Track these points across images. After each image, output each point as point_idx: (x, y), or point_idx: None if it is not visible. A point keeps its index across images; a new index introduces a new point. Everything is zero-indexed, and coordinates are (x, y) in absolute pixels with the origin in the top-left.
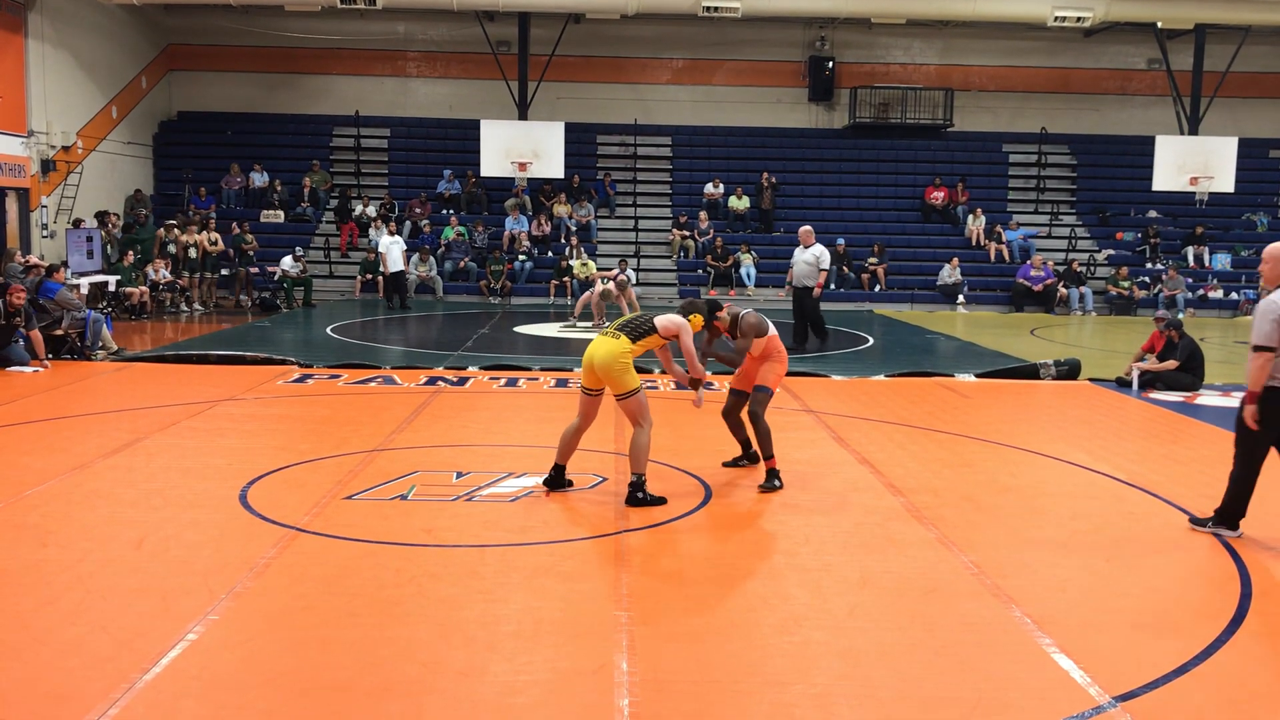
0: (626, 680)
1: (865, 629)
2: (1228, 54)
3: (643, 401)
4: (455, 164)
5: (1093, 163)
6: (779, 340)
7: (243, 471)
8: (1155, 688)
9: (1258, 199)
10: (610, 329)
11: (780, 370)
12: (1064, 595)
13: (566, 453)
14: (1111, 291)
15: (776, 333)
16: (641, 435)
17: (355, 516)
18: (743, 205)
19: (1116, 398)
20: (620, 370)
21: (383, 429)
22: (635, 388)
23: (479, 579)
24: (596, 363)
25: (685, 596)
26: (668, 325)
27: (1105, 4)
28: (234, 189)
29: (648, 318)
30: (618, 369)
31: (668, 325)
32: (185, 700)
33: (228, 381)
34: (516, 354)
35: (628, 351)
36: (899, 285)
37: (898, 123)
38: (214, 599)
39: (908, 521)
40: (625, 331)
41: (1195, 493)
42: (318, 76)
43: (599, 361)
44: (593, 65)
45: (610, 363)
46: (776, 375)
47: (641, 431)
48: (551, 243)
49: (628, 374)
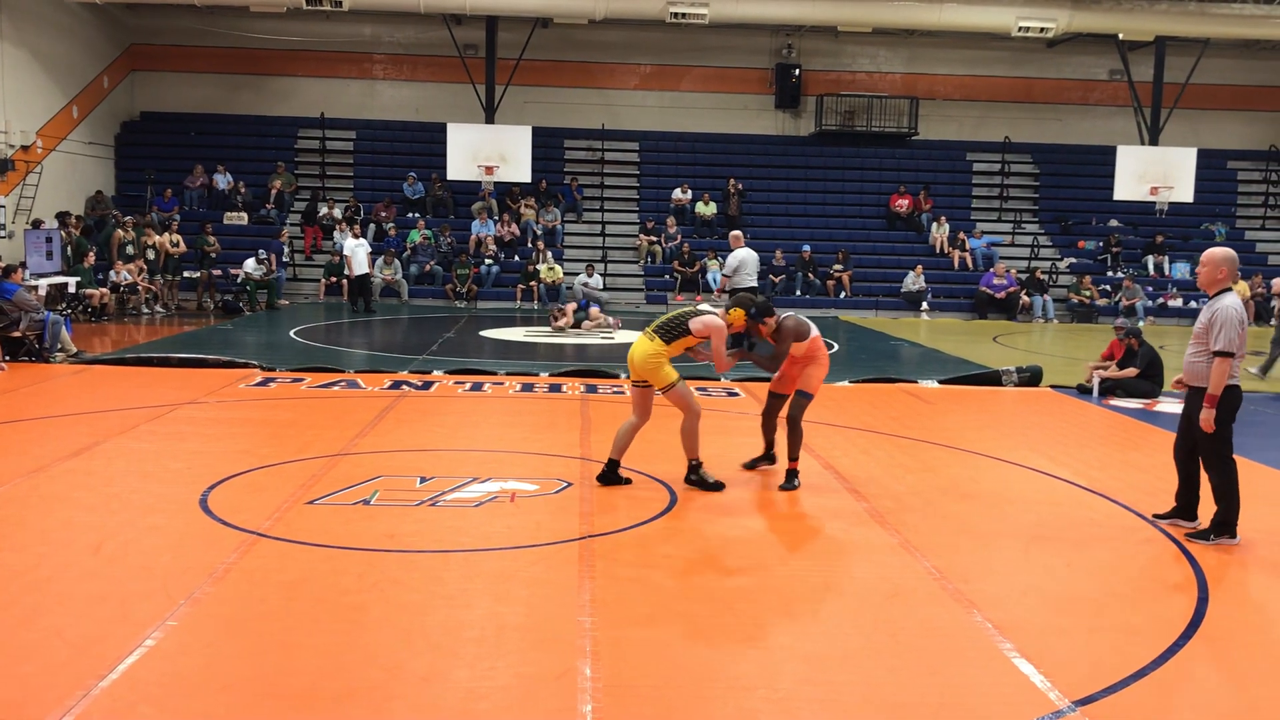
0: (590, 685)
1: (829, 634)
2: (1188, 66)
3: (683, 391)
4: (421, 167)
5: (1055, 172)
6: (822, 343)
7: (203, 476)
8: (1114, 691)
9: (1216, 209)
10: (650, 329)
11: (821, 374)
12: (1025, 600)
13: (621, 448)
14: (1073, 299)
15: (819, 334)
16: (689, 422)
17: (317, 522)
18: (710, 211)
19: (1077, 404)
20: (654, 368)
21: (346, 433)
22: (674, 380)
23: (442, 584)
24: (635, 361)
25: (649, 601)
26: (701, 328)
27: (1068, 15)
28: (197, 190)
29: (683, 319)
30: (651, 367)
31: (701, 328)
32: (142, 706)
33: (189, 384)
34: (482, 358)
35: (661, 353)
36: (864, 292)
37: (863, 130)
38: (173, 604)
39: (871, 526)
40: (660, 333)
41: (1155, 498)
42: (283, 78)
43: (637, 361)
44: (560, 70)
45: (645, 362)
46: (818, 380)
47: (689, 419)
48: (518, 247)
49: (662, 370)
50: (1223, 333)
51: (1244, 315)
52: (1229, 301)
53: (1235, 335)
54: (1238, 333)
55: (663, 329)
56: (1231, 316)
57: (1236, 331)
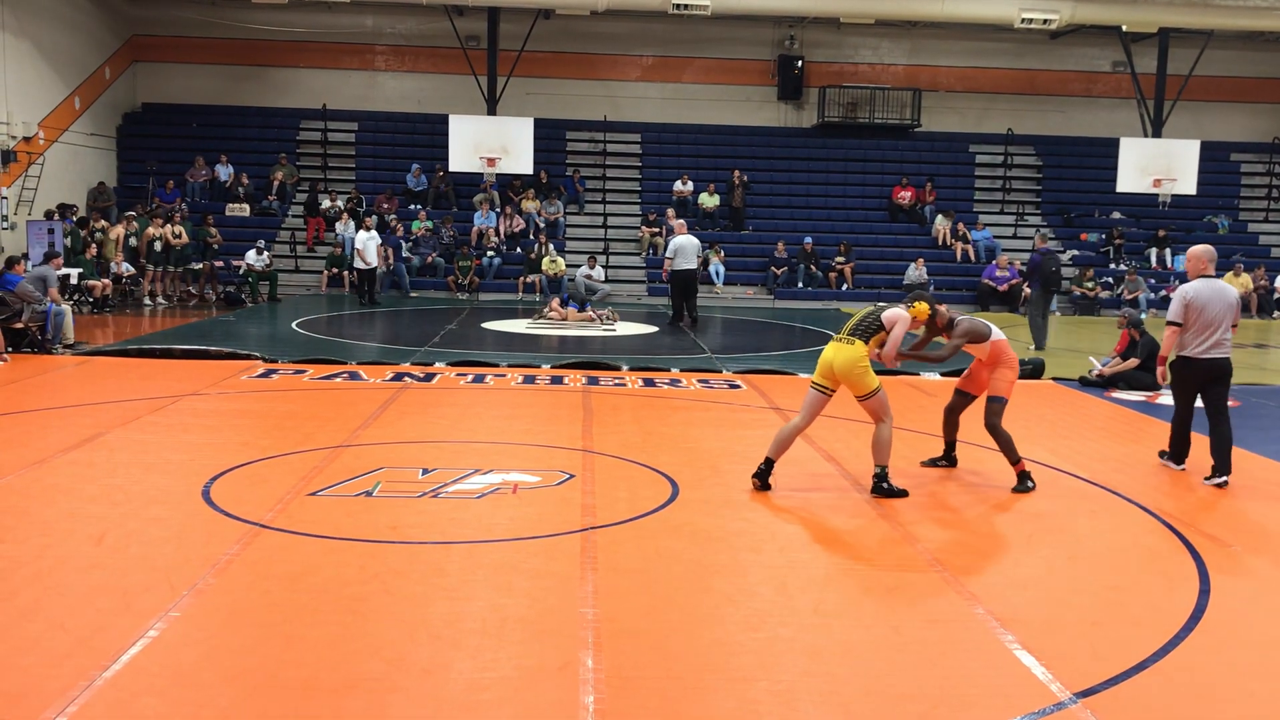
0: (592, 677)
1: (830, 626)
2: (1191, 58)
3: (883, 399)
4: (423, 159)
5: (1058, 164)
6: (1008, 346)
7: (206, 467)
8: (1115, 684)
9: (1219, 201)
10: (844, 334)
11: (1012, 378)
12: (1026, 592)
13: (780, 449)
14: (1076, 292)
15: (1005, 338)
16: (883, 430)
17: (319, 513)
18: (713, 203)
19: (1079, 397)
20: (860, 374)
21: (348, 425)
22: (876, 388)
23: (444, 576)
24: (837, 367)
25: (651, 593)
26: (890, 317)
27: (1071, 6)
28: (199, 182)
29: (875, 315)
30: (857, 373)
31: (890, 317)
32: (145, 698)
33: (191, 376)
34: (484, 350)
35: (864, 356)
36: (866, 284)
37: (866, 122)
38: (175, 596)
39: (872, 518)
40: (858, 335)
41: (1156, 491)
42: (285, 69)
43: (839, 367)
44: (562, 61)
45: (850, 368)
46: (1009, 383)
47: (883, 426)
48: (520, 239)
49: (867, 376)
50: (1171, 306)
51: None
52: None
53: (1177, 308)
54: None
55: (858, 331)
56: (1178, 295)
57: (1179, 306)
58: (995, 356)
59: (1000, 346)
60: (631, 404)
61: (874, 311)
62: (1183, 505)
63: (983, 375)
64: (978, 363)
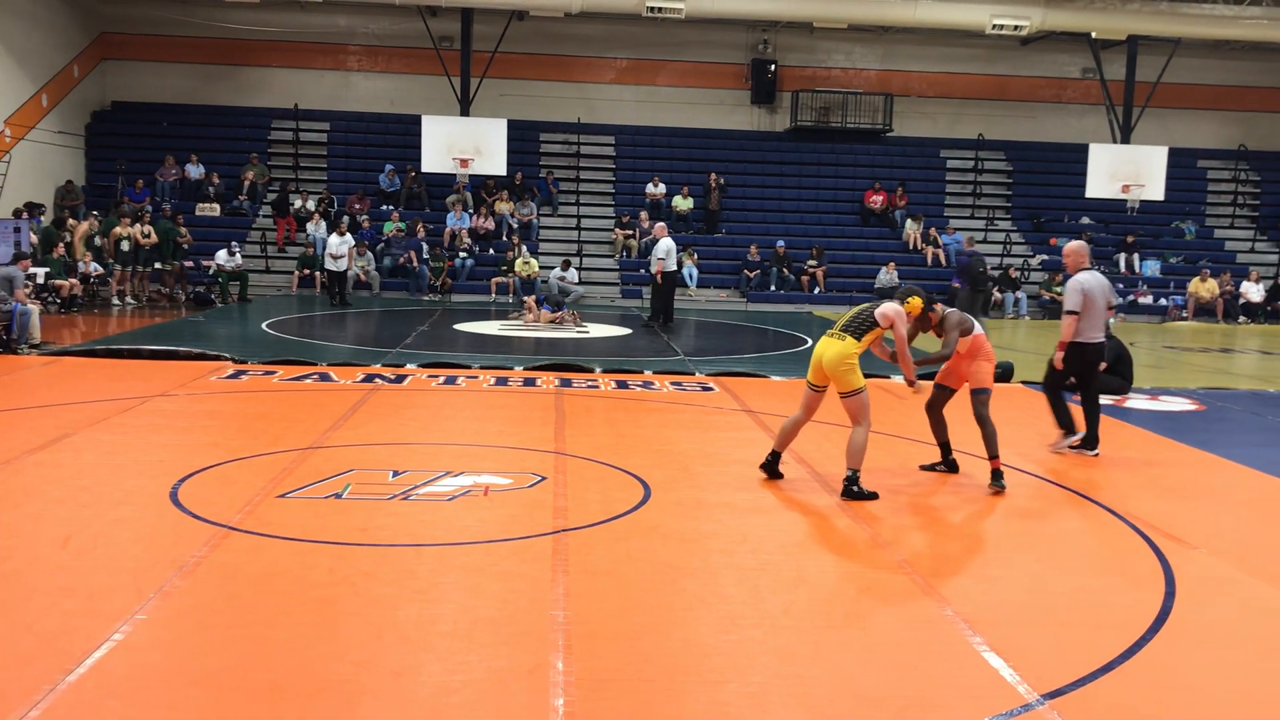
0: (562, 680)
1: (800, 628)
2: (1159, 65)
3: (864, 401)
4: (396, 159)
5: (1028, 169)
6: (985, 339)
7: (174, 469)
8: (1082, 685)
9: (1186, 207)
10: (836, 329)
11: (990, 369)
12: (995, 594)
13: (785, 441)
14: (1045, 296)
15: (983, 332)
16: (859, 433)
17: (288, 515)
18: (687, 206)
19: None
20: (846, 370)
21: (318, 426)
22: (859, 387)
23: (414, 578)
24: (825, 363)
25: (622, 596)
26: (885, 313)
27: (1042, 13)
28: (169, 181)
29: (868, 312)
30: (844, 369)
31: (885, 313)
32: (110, 701)
33: (160, 377)
34: (456, 351)
35: (854, 352)
36: (838, 288)
37: (838, 127)
38: (142, 598)
39: (844, 521)
40: (850, 331)
41: (1123, 493)
42: (256, 69)
43: (828, 361)
44: (536, 63)
45: (838, 363)
46: (988, 374)
47: (860, 430)
48: (493, 240)
49: (853, 374)
50: (1066, 296)
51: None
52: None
53: (1075, 299)
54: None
55: (850, 327)
56: (1073, 285)
57: (1077, 296)
58: (974, 349)
59: (980, 339)
60: (604, 406)
61: (868, 308)
62: (1149, 508)
63: (962, 368)
64: (957, 355)
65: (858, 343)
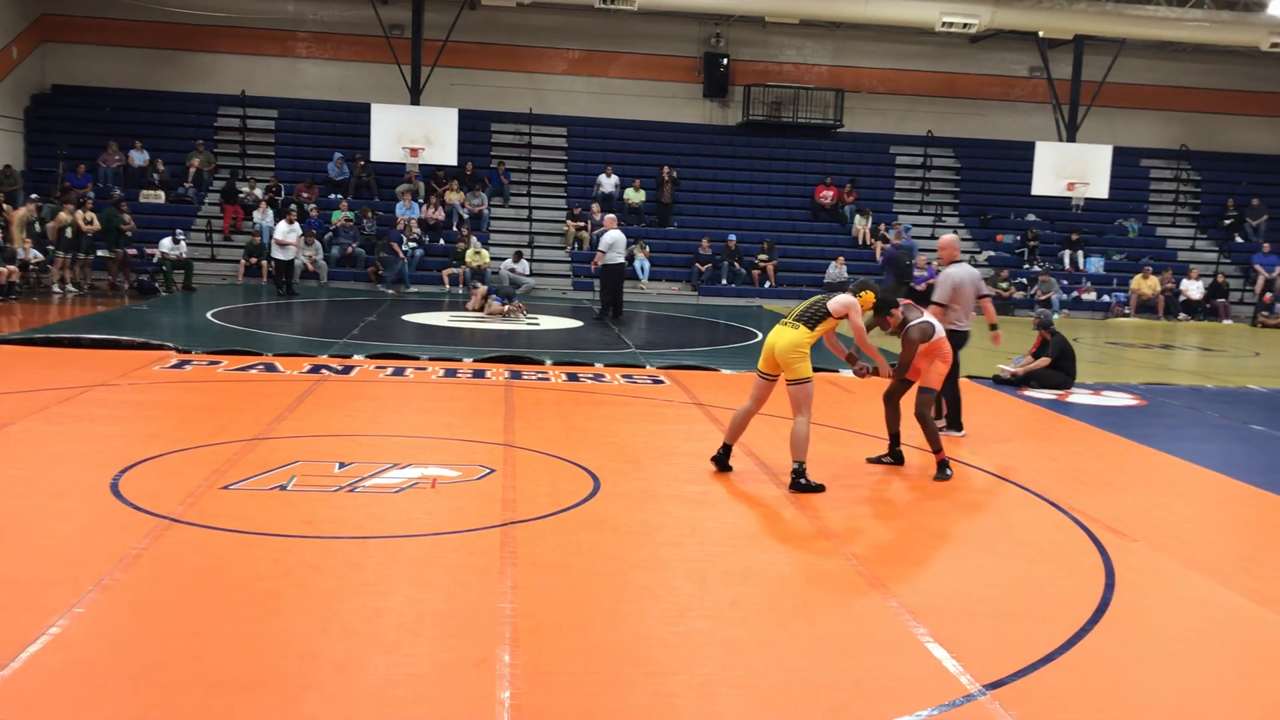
0: (509, 672)
1: (747, 619)
2: (1105, 65)
3: (809, 393)
4: (345, 147)
5: (975, 166)
6: (946, 340)
7: (114, 459)
8: (1024, 675)
9: (1129, 206)
10: (790, 319)
11: (944, 370)
12: (939, 586)
13: (735, 433)
14: (991, 292)
15: (944, 335)
16: (801, 423)
17: (232, 507)
18: (639, 198)
19: (993, 395)
20: (797, 359)
21: (263, 417)
22: (807, 377)
23: (361, 571)
24: (777, 351)
25: (570, 588)
26: (838, 306)
27: (990, 11)
28: (112, 167)
29: (821, 303)
30: (795, 357)
31: (838, 306)
32: (45, 696)
33: (101, 366)
34: (404, 343)
35: (806, 341)
36: (788, 282)
37: (790, 122)
38: (80, 591)
39: (791, 513)
40: (804, 321)
41: (1065, 486)
42: (203, 54)
43: (780, 350)
44: (488, 52)
45: (789, 350)
46: (940, 375)
47: (801, 420)
48: (443, 230)
49: (803, 363)
50: (939, 289)
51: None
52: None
53: (945, 291)
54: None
55: (804, 317)
56: (944, 278)
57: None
58: (933, 350)
59: (942, 342)
60: (554, 398)
61: (821, 300)
62: (1090, 501)
63: (920, 364)
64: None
65: (810, 332)
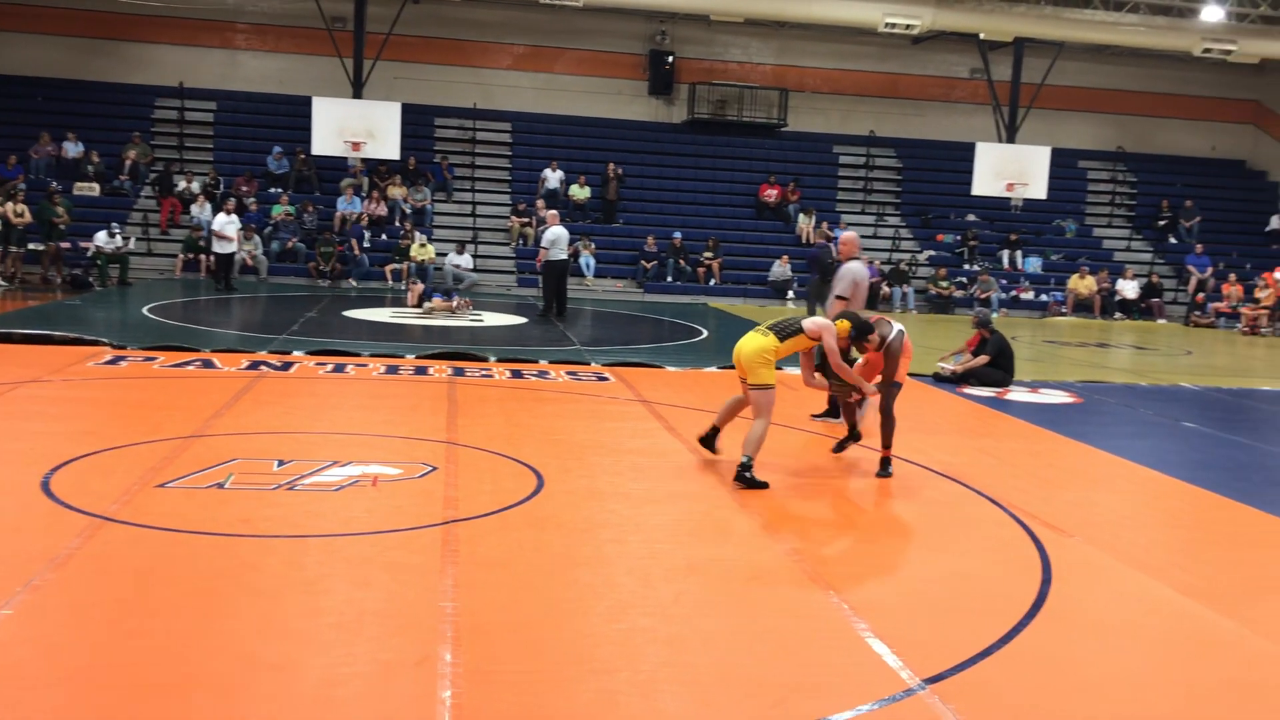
0: (450, 671)
1: (689, 616)
2: (1044, 67)
3: (771, 400)
4: (285, 140)
5: (917, 166)
6: (909, 343)
7: (46, 457)
8: (962, 670)
9: (1067, 206)
10: (763, 326)
11: (907, 363)
12: (880, 581)
13: (726, 418)
14: (932, 291)
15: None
16: (760, 425)
17: (169, 505)
18: (584, 195)
19: (932, 392)
20: (761, 364)
21: (200, 414)
22: (770, 384)
23: (299, 570)
24: (744, 355)
25: (513, 586)
26: (813, 328)
27: (932, 13)
28: (44, 159)
29: (797, 320)
30: (759, 362)
31: (813, 328)
32: None
33: (33, 362)
34: (345, 339)
35: (773, 350)
36: (733, 280)
37: (734, 120)
38: (8, 593)
39: (734, 510)
40: (775, 330)
41: (1003, 483)
42: (140, 44)
43: (746, 354)
44: (432, 46)
45: (755, 355)
46: (904, 369)
47: (760, 422)
48: (386, 226)
49: (767, 369)
50: (837, 282)
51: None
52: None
53: (846, 285)
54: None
55: (777, 327)
56: (844, 273)
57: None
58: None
59: (906, 345)
60: (498, 395)
61: (798, 317)
62: (1027, 497)
63: (875, 358)
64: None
65: (779, 343)
